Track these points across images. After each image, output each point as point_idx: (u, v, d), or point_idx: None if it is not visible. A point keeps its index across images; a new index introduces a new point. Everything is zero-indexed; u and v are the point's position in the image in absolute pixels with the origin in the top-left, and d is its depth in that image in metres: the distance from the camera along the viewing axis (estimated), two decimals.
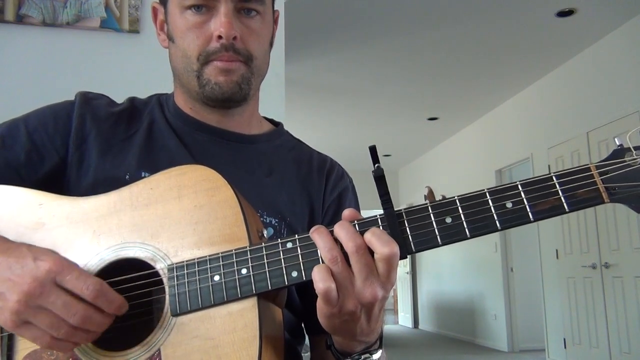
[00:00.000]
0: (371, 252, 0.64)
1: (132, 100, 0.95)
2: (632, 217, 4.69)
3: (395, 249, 0.63)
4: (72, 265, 0.66)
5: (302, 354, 0.94)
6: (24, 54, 1.95)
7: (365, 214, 0.70)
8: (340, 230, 0.64)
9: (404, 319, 11.47)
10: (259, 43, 0.87)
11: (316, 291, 0.63)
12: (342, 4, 4.46)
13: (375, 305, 0.65)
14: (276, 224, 0.87)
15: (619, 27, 4.94)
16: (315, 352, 0.93)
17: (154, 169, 0.77)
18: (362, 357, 0.71)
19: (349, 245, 0.63)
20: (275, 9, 0.94)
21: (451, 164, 8.87)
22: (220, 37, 0.82)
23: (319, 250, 0.65)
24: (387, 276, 0.64)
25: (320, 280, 0.63)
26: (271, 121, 1.04)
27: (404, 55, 5.53)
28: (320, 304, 0.65)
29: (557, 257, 5.95)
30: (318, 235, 0.65)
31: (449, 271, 9.13)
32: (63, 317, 0.63)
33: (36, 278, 0.64)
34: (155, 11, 0.94)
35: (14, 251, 0.67)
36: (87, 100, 0.90)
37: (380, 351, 0.73)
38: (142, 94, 1.00)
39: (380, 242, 0.63)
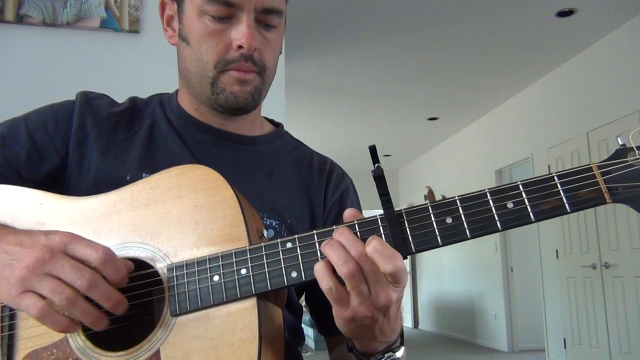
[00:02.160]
0: None
1: (133, 100, 0.95)
2: (632, 217, 4.69)
3: (399, 263, 0.61)
4: (83, 237, 0.67)
5: (302, 354, 0.94)
6: (24, 54, 1.94)
7: (366, 214, 0.69)
8: (341, 238, 0.63)
9: (404, 319, 11.47)
10: (274, 55, 0.88)
11: (322, 290, 0.63)
12: (342, 4, 4.46)
13: (391, 307, 0.65)
14: (276, 226, 0.87)
15: (619, 27, 4.94)
16: (334, 352, 0.93)
17: (155, 170, 0.77)
18: (386, 355, 0.71)
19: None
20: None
21: (451, 164, 8.86)
22: (240, 47, 0.81)
23: (334, 265, 0.63)
24: (396, 283, 0.63)
25: (323, 277, 0.62)
26: (271, 121, 1.03)
27: (404, 55, 5.52)
28: (334, 307, 0.64)
29: (557, 257, 5.95)
30: (330, 249, 0.63)
31: (449, 271, 9.13)
32: (69, 280, 0.63)
33: (46, 245, 0.64)
34: (163, 5, 0.92)
35: (25, 231, 0.69)
36: (88, 100, 0.90)
37: (402, 348, 0.72)
38: (142, 93, 0.99)
39: (383, 259, 0.61)
